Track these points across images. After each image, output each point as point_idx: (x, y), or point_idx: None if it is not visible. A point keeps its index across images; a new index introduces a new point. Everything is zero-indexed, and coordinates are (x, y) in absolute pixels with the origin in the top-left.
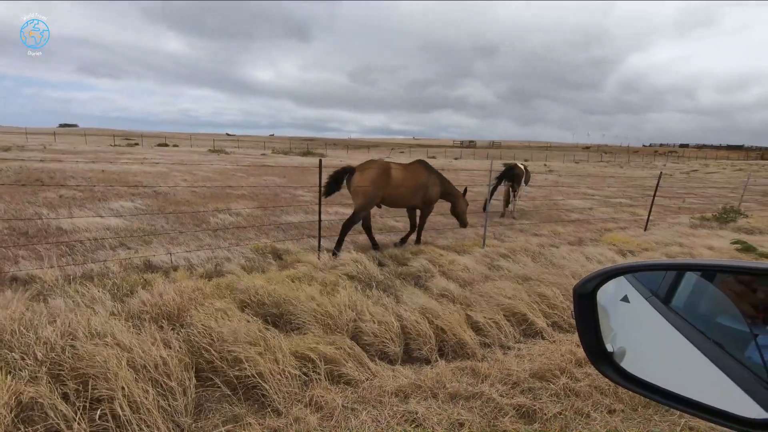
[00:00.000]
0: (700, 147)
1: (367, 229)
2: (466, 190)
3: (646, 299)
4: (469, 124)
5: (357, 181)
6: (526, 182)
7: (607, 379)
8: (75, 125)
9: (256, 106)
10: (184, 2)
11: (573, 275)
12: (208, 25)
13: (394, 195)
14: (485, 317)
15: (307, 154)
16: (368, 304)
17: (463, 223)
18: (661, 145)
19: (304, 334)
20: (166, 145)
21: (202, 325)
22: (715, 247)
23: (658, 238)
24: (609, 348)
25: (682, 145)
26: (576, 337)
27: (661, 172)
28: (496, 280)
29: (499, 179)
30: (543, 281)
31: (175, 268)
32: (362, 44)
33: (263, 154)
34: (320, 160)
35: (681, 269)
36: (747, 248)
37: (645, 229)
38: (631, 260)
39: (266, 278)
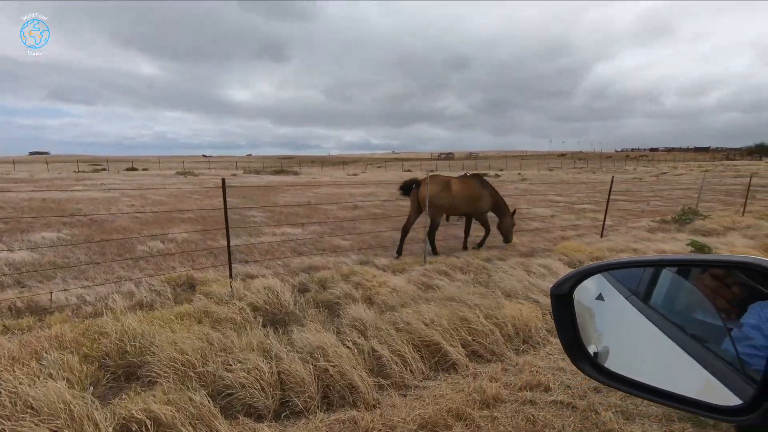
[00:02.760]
0: (670, 150)
1: (405, 233)
2: (515, 211)
3: (626, 298)
4: (446, 136)
5: (423, 193)
6: None
7: (589, 377)
8: (46, 152)
9: (233, 126)
10: (151, 25)
11: (505, 293)
12: (179, 46)
13: (453, 204)
14: (391, 351)
15: (280, 172)
16: (251, 344)
17: (507, 240)
18: (633, 149)
19: (153, 389)
20: (135, 169)
21: (7, 390)
22: (667, 250)
23: (612, 244)
24: (593, 349)
25: (652, 149)
26: (491, 367)
27: (612, 177)
28: (421, 304)
29: None
30: (469, 302)
31: (62, 309)
32: (336, 61)
33: (233, 174)
34: (223, 180)
35: (654, 265)
36: (699, 249)
37: (601, 236)
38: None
39: (150, 317)
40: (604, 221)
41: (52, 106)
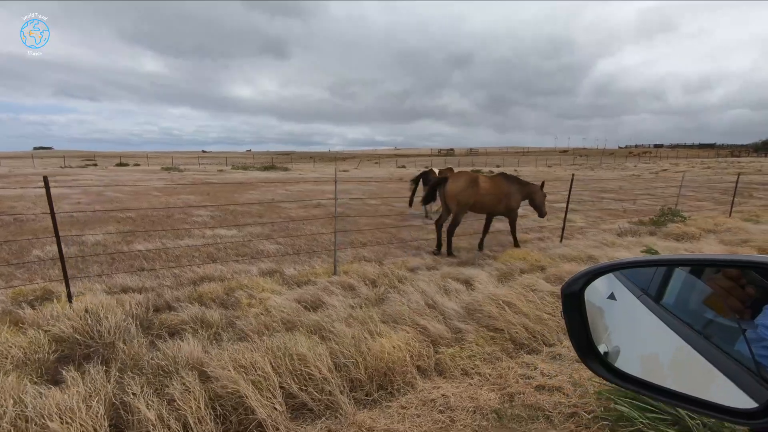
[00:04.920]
0: (674, 147)
1: (440, 229)
2: (543, 184)
3: (638, 298)
4: (450, 133)
5: (449, 190)
6: None
7: (600, 377)
8: (50, 148)
9: (238, 123)
10: (156, 22)
11: (391, 317)
12: (184, 44)
13: (481, 202)
14: (169, 410)
15: (269, 168)
16: None
17: (541, 214)
18: (637, 146)
19: None
20: (125, 164)
21: None
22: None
23: (567, 251)
24: (603, 348)
25: (656, 146)
26: (311, 429)
27: (573, 175)
28: (286, 331)
29: (415, 182)
30: (334, 332)
31: None
32: (338, 59)
33: (220, 171)
34: (45, 178)
35: (666, 265)
36: None
37: (561, 240)
38: (515, 282)
39: None
40: (564, 225)
41: (59, 103)
